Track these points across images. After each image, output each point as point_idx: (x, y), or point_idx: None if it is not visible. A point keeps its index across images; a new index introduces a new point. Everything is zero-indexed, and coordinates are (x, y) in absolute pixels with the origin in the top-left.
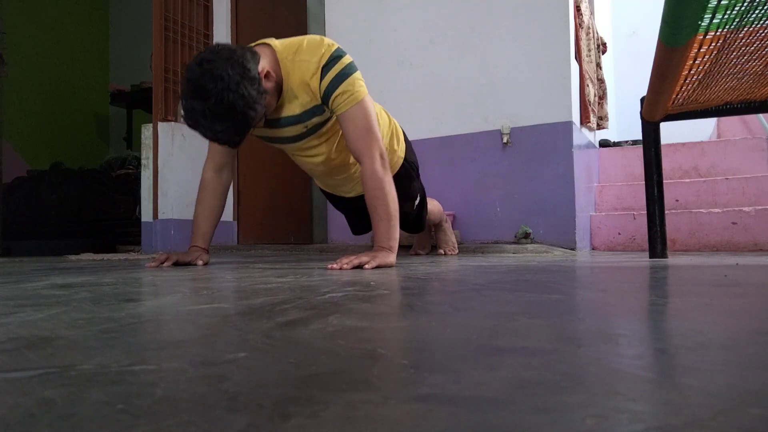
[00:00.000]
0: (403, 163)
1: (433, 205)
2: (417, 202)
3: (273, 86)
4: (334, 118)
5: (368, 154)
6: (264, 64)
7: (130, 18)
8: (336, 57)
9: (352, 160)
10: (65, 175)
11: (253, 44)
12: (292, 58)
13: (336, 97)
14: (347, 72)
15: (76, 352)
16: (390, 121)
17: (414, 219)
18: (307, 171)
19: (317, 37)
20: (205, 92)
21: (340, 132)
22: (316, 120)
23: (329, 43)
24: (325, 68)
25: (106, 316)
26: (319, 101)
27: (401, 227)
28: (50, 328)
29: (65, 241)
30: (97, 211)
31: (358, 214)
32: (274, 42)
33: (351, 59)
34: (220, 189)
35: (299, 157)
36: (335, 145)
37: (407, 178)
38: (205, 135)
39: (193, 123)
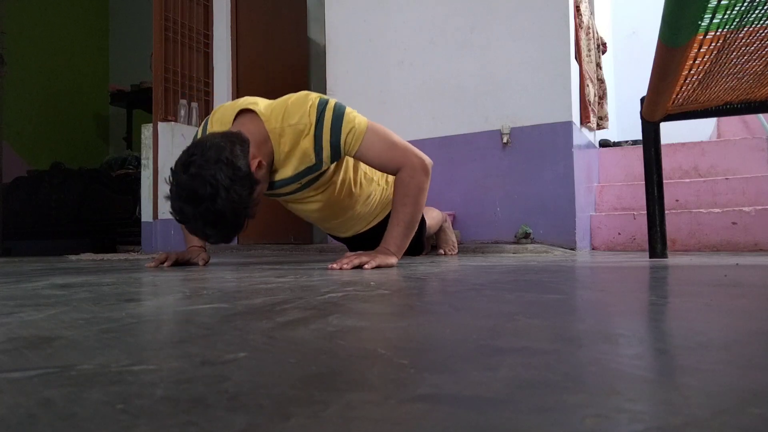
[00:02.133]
0: None
1: (432, 218)
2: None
3: (265, 172)
4: (330, 170)
5: (405, 163)
6: (254, 151)
7: (130, 18)
8: (321, 109)
9: (347, 205)
10: (65, 175)
11: (237, 107)
12: (280, 125)
13: (345, 142)
14: (338, 114)
15: (76, 352)
16: None
17: (413, 244)
18: (302, 217)
19: (301, 94)
20: (195, 198)
21: (338, 182)
22: (310, 177)
23: (312, 97)
24: (318, 126)
25: (106, 316)
26: (315, 161)
27: None
28: (50, 328)
29: (65, 241)
30: (97, 211)
31: (357, 245)
32: (259, 107)
33: (334, 101)
34: None
35: (294, 206)
36: (333, 194)
37: None
38: (195, 234)
39: (183, 221)
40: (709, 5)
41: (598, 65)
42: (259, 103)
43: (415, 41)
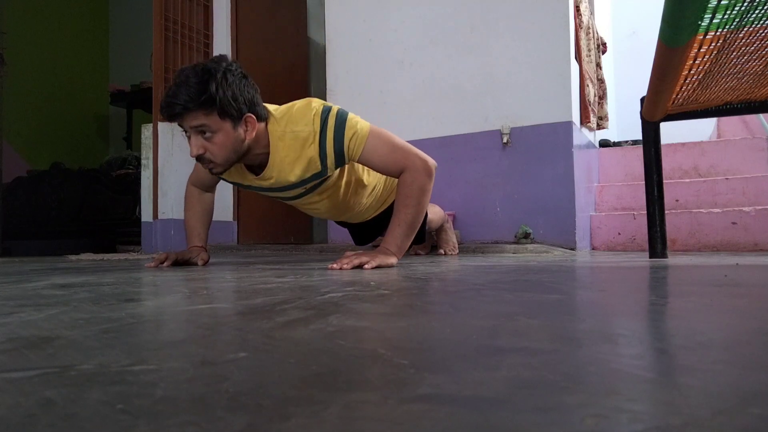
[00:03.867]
0: None
1: (434, 213)
2: None
3: (254, 142)
4: (335, 175)
5: (408, 165)
6: (254, 123)
7: (130, 18)
8: (325, 117)
9: (353, 203)
10: (65, 175)
11: None
12: (282, 129)
13: (348, 148)
14: (341, 121)
15: (76, 352)
16: None
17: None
18: (310, 215)
19: (303, 103)
20: (192, 76)
21: (342, 185)
22: (314, 182)
23: (315, 104)
24: (322, 133)
25: (106, 316)
26: (321, 167)
27: None
28: (50, 328)
29: (65, 241)
30: (97, 211)
31: (361, 230)
32: (270, 112)
33: (337, 108)
34: (205, 198)
35: (302, 207)
36: (339, 196)
37: None
38: (168, 101)
39: (170, 96)
40: (709, 5)
41: (598, 65)
42: (269, 106)
43: (415, 41)
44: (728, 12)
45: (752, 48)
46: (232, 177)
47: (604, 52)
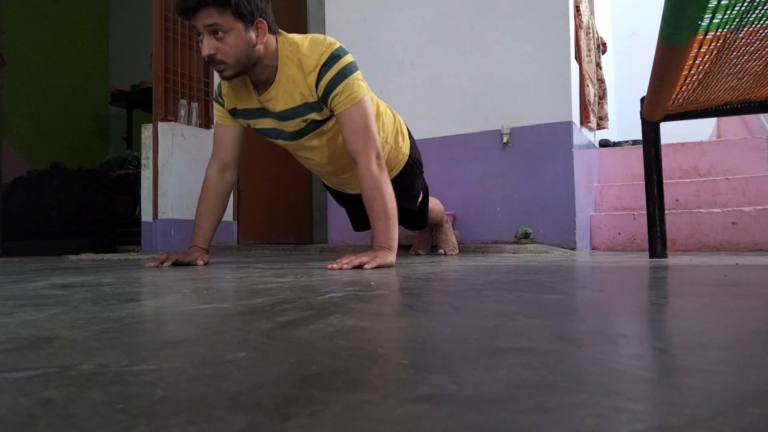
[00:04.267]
0: (407, 161)
1: (434, 204)
2: (420, 199)
3: (264, 53)
4: (334, 118)
5: (364, 153)
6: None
7: (130, 18)
8: (335, 56)
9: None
10: (65, 175)
11: None
12: (291, 50)
13: (335, 96)
14: (346, 72)
15: (76, 352)
16: (395, 118)
17: (416, 215)
18: (311, 170)
19: (320, 36)
20: None
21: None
22: (314, 116)
23: (330, 42)
24: (324, 67)
25: (106, 316)
26: (316, 99)
27: (404, 224)
28: (50, 328)
29: (65, 241)
30: (97, 211)
31: (361, 210)
32: (282, 32)
33: (352, 59)
34: (222, 189)
35: (303, 157)
36: (338, 145)
37: (411, 175)
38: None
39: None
40: (709, 5)
41: (598, 65)
42: (281, 32)
43: (415, 41)
44: (728, 12)
45: (752, 48)
46: (241, 100)
47: (604, 52)
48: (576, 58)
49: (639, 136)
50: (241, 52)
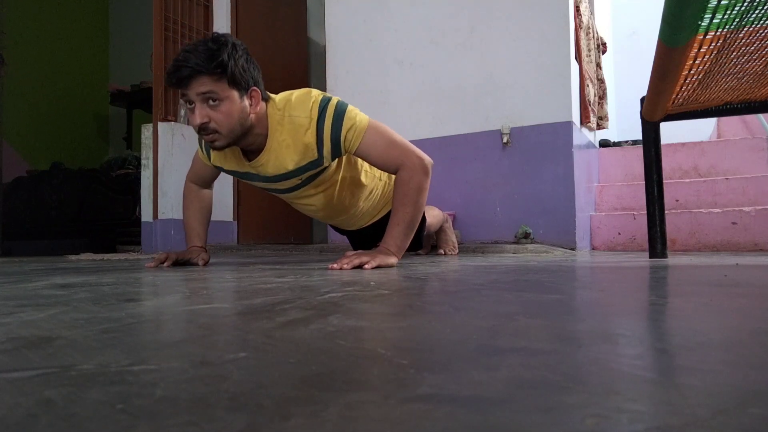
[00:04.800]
0: None
1: (432, 216)
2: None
3: (255, 121)
4: (331, 168)
5: (405, 162)
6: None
7: (130, 18)
8: (324, 106)
9: (350, 203)
10: (65, 175)
11: None
12: (281, 113)
13: (345, 138)
14: (340, 111)
15: (76, 352)
16: None
17: (413, 241)
18: (305, 213)
19: (303, 91)
20: (201, 45)
21: (338, 180)
22: (311, 173)
23: (314, 94)
24: (320, 121)
25: (106, 316)
26: (316, 156)
27: None
28: (50, 328)
29: (65, 241)
30: (97, 211)
31: (361, 239)
32: (270, 96)
33: (337, 98)
34: (203, 195)
35: (298, 204)
36: (335, 192)
37: None
38: (178, 64)
39: (179, 58)
40: (709, 5)
41: (598, 65)
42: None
43: (415, 41)
44: (728, 12)
45: (752, 48)
46: (228, 163)
47: (604, 52)
48: (576, 58)
49: (639, 136)
50: (235, 122)
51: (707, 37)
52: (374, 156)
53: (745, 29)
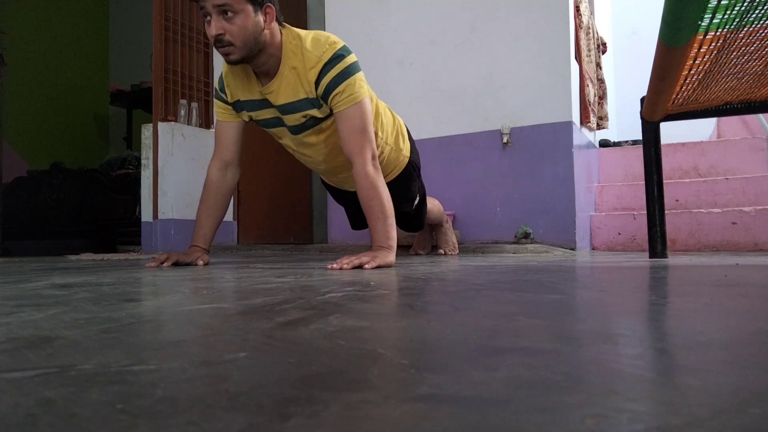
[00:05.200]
0: (407, 163)
1: (433, 205)
2: (416, 202)
3: (269, 40)
4: (332, 118)
5: (360, 154)
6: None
7: (130, 18)
8: (339, 56)
9: None
10: (65, 175)
11: None
12: (295, 43)
13: (335, 95)
14: (348, 72)
15: (76, 352)
16: (395, 119)
17: (413, 218)
18: (310, 167)
19: (324, 33)
20: None
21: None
22: (313, 112)
23: (334, 40)
24: (327, 66)
25: (106, 316)
26: (315, 95)
27: (399, 226)
28: (50, 328)
29: (65, 241)
30: (97, 211)
31: (359, 209)
32: (286, 25)
33: (355, 59)
34: (224, 188)
35: (300, 153)
36: (335, 144)
37: (408, 178)
38: None
39: None
40: (709, 5)
41: (598, 65)
42: (287, 25)
43: (415, 41)
44: (728, 12)
45: (752, 48)
46: (243, 92)
47: (604, 52)
48: (576, 58)
49: (639, 136)
50: (249, 35)
51: (707, 37)
52: (343, 130)
53: (745, 29)
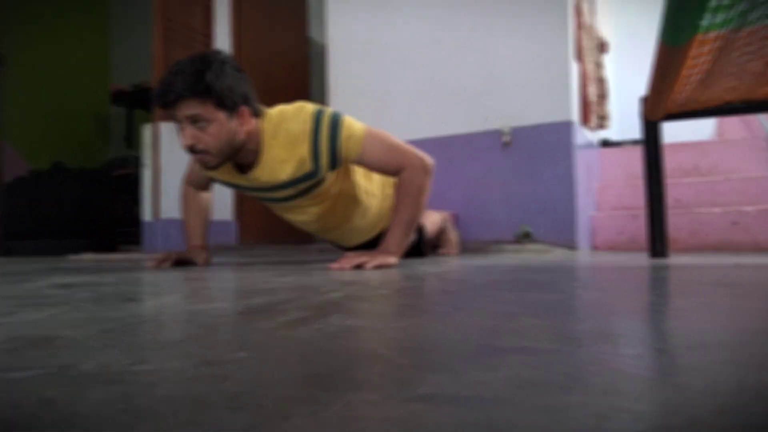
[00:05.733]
0: None
1: (432, 223)
2: (414, 238)
3: (246, 138)
4: (328, 181)
5: (406, 163)
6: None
7: (130, 18)
8: (318, 117)
9: (344, 218)
10: (66, 175)
11: None
12: (274, 127)
13: (344, 147)
14: (336, 121)
15: (77, 352)
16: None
17: (409, 252)
18: (299, 227)
19: (297, 104)
20: (184, 61)
21: (335, 195)
22: (307, 184)
23: (309, 106)
24: (315, 133)
25: (107, 316)
26: (312, 168)
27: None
28: (51, 327)
29: (66, 241)
30: (98, 210)
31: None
32: (263, 110)
33: (331, 110)
34: (201, 198)
35: (290, 217)
36: (328, 207)
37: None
38: (163, 89)
39: (164, 80)
40: (709, 5)
41: (599, 65)
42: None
43: (415, 41)
44: (728, 12)
45: (752, 48)
46: (222, 175)
47: (605, 51)
48: (577, 57)
49: (640, 136)
50: (224, 142)
51: (708, 36)
52: (375, 161)
53: (746, 29)
